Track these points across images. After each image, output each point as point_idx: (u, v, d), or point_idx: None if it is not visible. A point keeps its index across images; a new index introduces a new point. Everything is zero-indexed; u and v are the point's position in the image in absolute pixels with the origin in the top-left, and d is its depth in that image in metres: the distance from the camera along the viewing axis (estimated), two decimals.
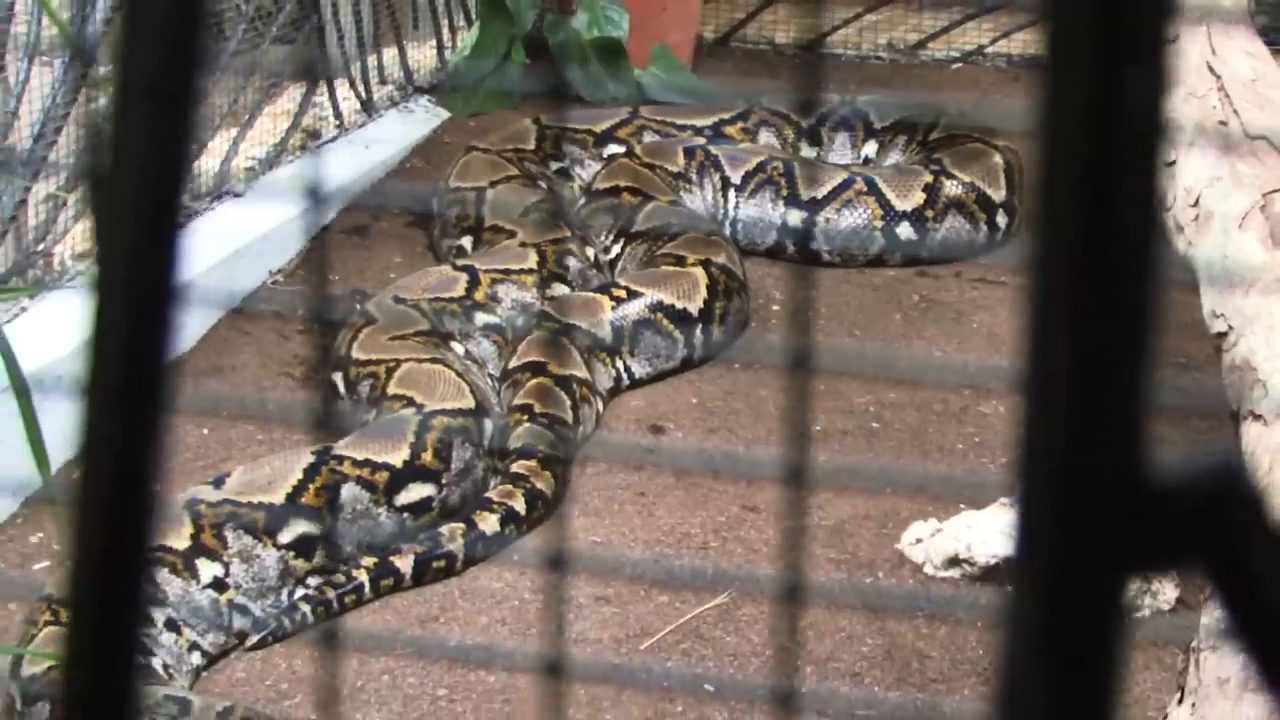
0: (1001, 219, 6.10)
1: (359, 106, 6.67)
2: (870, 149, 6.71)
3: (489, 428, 4.57)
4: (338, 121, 6.49)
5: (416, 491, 4.33)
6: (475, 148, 6.18)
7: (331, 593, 4.04)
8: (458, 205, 5.86)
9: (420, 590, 4.12)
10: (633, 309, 5.19)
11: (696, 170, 6.25)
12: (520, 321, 5.18)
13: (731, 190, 6.24)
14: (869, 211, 6.01)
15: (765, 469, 4.54)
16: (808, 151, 6.70)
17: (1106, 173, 0.54)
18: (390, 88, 6.96)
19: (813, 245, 6.03)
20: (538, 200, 5.83)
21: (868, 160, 6.67)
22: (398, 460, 4.30)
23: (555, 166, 6.39)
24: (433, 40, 7.35)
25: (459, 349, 5.02)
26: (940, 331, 5.49)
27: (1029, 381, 0.56)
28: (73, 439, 0.66)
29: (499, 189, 5.86)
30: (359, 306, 5.08)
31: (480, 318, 5.17)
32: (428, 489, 4.35)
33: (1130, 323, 0.55)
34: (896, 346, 5.41)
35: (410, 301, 5.09)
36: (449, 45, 7.43)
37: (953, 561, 4.12)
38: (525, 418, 4.68)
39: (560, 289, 5.40)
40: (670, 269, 5.38)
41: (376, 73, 6.87)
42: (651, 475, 4.58)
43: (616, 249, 5.76)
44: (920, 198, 6.03)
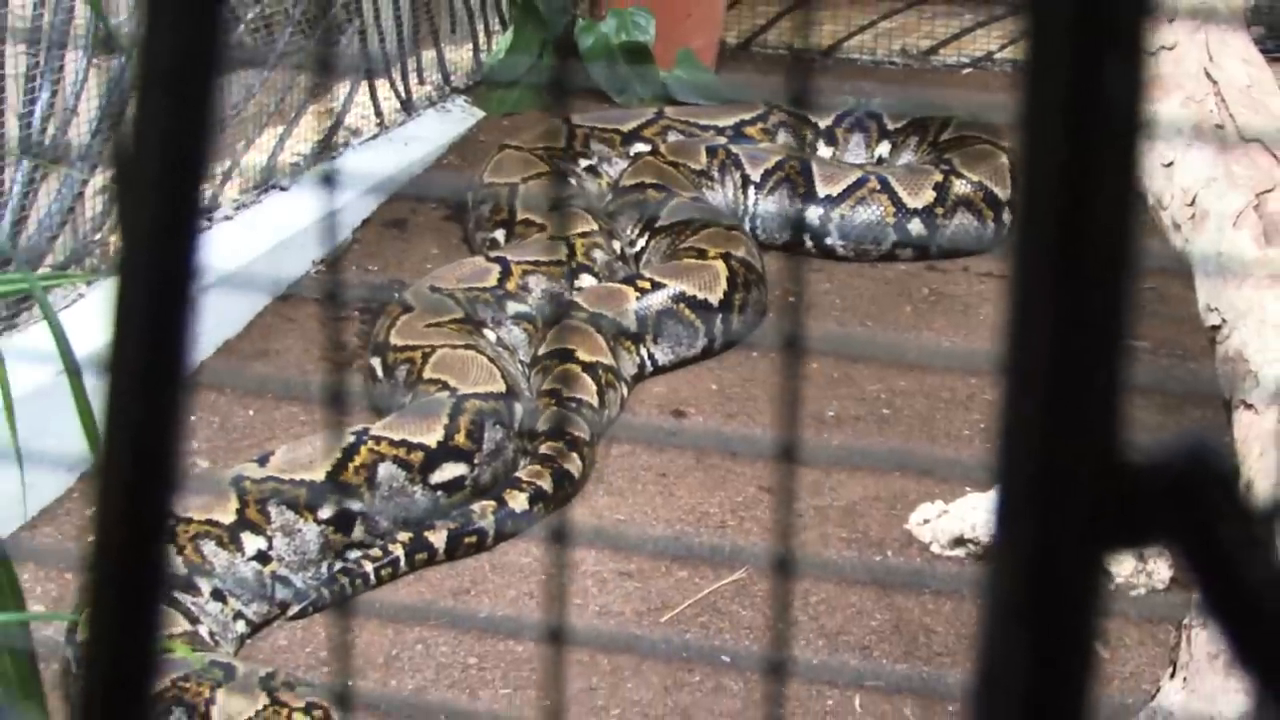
0: (1008, 216, 6.08)
1: (399, 106, 6.66)
2: (884, 149, 6.70)
3: (519, 410, 4.57)
4: (379, 120, 6.49)
5: (450, 470, 4.33)
6: (508, 145, 6.17)
7: (369, 566, 4.04)
8: (491, 200, 5.86)
9: (453, 564, 4.12)
10: (656, 299, 5.19)
11: (718, 168, 6.24)
12: (549, 310, 5.18)
13: (751, 187, 6.23)
14: (882, 208, 6.00)
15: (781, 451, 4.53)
16: (824, 151, 6.68)
17: (1085, 167, 0.53)
18: (428, 88, 6.96)
19: (828, 240, 6.02)
20: (567, 196, 5.82)
21: (881, 160, 6.65)
22: (432, 441, 4.30)
23: (584, 164, 6.39)
24: (469, 43, 7.34)
25: (491, 336, 5.02)
26: (949, 323, 5.48)
27: (1010, 367, 0.55)
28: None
29: (530, 185, 5.86)
30: (397, 295, 5.09)
31: (511, 306, 5.17)
32: (461, 468, 4.34)
33: (1107, 311, 0.54)
34: (907, 336, 5.40)
35: (445, 290, 5.09)
36: (484, 48, 7.42)
37: (958, 541, 4.10)
38: (553, 401, 4.68)
39: (588, 280, 5.39)
40: (692, 262, 5.38)
41: (416, 74, 6.87)
42: (673, 457, 4.57)
43: (641, 242, 5.76)
44: (931, 196, 6.02)
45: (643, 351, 5.13)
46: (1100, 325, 0.54)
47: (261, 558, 4.02)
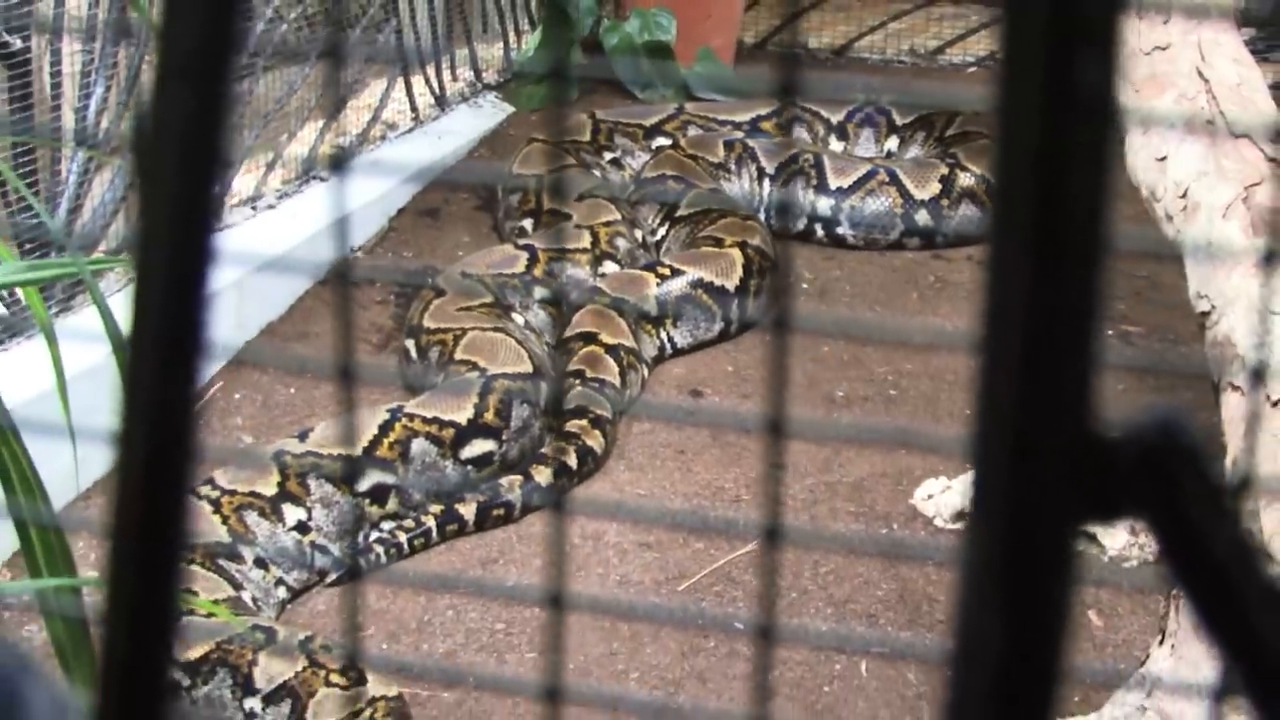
0: None
1: (433, 101, 6.66)
2: (892, 144, 6.67)
3: (545, 390, 4.57)
4: (413, 114, 6.48)
5: (479, 446, 4.33)
6: (536, 139, 6.17)
7: (403, 536, 4.04)
8: (520, 191, 5.86)
9: (482, 535, 4.13)
10: (676, 285, 5.18)
11: (735, 161, 6.23)
12: (575, 295, 5.18)
13: (766, 179, 6.22)
14: (890, 200, 5.98)
15: (794, 431, 4.52)
16: (836, 146, 6.67)
17: (1058, 155, 0.53)
18: (461, 84, 6.95)
19: (839, 229, 6.01)
20: (592, 187, 5.82)
21: (890, 154, 6.63)
22: (463, 418, 4.31)
23: (608, 157, 6.38)
24: (500, 41, 7.33)
25: (519, 319, 5.02)
26: (953, 309, 5.46)
27: (985, 344, 0.55)
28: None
29: (557, 176, 5.86)
30: (431, 280, 5.09)
31: (538, 291, 5.17)
32: (489, 444, 4.35)
33: (1080, 290, 0.53)
34: (913, 320, 5.38)
35: (476, 276, 5.09)
36: (514, 46, 7.41)
37: (960, 515, 4.09)
38: (578, 381, 4.67)
39: (611, 267, 5.39)
40: (710, 249, 5.37)
41: (449, 71, 6.86)
42: (690, 435, 4.57)
43: (662, 231, 5.75)
44: (937, 188, 6.00)
45: (663, 334, 5.12)
46: (1073, 305, 0.53)
47: (301, 528, 4.03)
